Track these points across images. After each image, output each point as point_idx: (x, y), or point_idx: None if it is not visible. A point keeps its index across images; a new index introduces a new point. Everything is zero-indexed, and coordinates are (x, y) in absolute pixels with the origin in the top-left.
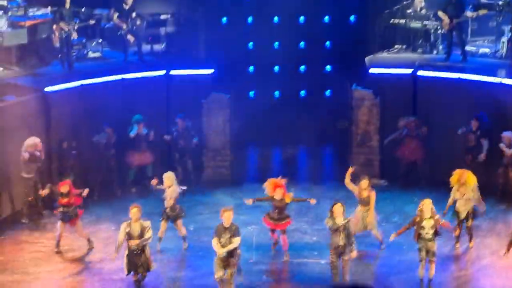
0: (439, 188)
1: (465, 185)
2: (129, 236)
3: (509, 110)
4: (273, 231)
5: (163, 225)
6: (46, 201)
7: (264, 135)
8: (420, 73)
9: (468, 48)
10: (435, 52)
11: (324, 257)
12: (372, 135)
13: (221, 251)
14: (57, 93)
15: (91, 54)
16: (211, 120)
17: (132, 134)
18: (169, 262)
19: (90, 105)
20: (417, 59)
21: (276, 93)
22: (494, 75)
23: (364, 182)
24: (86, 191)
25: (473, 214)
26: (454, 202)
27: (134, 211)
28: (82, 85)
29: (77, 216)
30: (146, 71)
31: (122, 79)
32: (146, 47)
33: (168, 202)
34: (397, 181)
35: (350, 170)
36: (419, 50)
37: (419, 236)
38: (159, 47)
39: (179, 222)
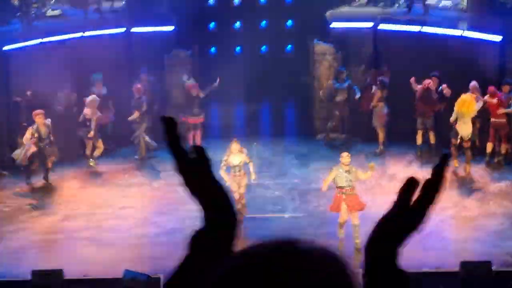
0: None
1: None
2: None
3: (470, 62)
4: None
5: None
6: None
7: (226, 92)
8: (382, 26)
9: (429, 1)
10: (396, 5)
11: (287, 211)
12: None
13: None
14: (16, 52)
15: (50, 12)
16: (173, 77)
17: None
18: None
19: (50, 64)
20: (379, 13)
21: (237, 49)
22: (455, 28)
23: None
24: None
25: None
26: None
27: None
28: (41, 43)
29: None
30: (106, 28)
31: (82, 36)
32: (106, 4)
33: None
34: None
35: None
36: (381, 3)
37: None
38: (119, 4)
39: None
